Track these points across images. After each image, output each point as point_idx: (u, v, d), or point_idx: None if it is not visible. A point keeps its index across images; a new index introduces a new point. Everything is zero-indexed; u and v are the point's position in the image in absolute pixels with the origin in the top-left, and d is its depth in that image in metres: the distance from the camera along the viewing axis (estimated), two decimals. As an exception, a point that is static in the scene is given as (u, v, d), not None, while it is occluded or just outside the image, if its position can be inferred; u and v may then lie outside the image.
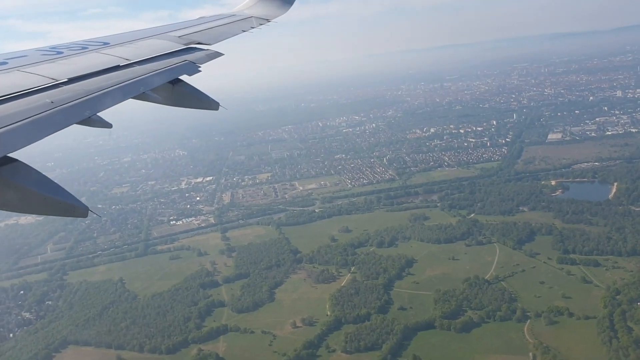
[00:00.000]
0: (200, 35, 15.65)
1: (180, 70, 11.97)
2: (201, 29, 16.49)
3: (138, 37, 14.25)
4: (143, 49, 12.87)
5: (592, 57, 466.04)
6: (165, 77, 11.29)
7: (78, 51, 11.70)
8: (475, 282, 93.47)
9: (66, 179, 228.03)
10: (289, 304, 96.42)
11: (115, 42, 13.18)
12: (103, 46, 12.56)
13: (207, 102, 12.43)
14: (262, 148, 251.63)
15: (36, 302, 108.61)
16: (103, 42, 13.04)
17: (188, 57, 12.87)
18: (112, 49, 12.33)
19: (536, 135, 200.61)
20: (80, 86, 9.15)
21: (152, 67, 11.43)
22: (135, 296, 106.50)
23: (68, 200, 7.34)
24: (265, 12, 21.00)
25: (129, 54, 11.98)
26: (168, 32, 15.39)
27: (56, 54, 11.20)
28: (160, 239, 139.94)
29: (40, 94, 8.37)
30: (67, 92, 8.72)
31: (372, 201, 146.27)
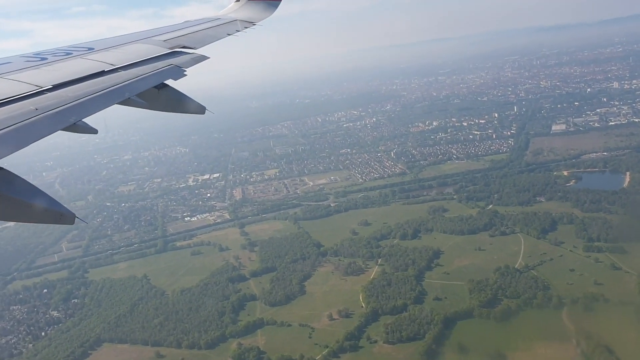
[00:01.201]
0: (186, 39, 15.75)
1: (165, 74, 12.01)
2: (186, 33, 16.63)
3: (123, 42, 14.34)
4: (128, 53, 12.91)
5: (582, 49, 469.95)
6: (150, 81, 11.29)
7: (62, 57, 11.68)
8: (506, 271, 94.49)
9: (68, 177, 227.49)
10: (320, 297, 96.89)
11: (100, 48, 13.20)
12: (88, 52, 12.57)
13: (193, 107, 12.43)
14: (264, 144, 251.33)
15: (62, 301, 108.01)
16: (88, 47, 13.06)
17: (173, 61, 12.92)
18: (96, 55, 12.36)
19: (540, 127, 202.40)
20: (65, 92, 9.11)
21: (138, 71, 11.44)
22: (163, 292, 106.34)
23: (54, 207, 7.29)
24: (250, 15, 21.19)
25: (113, 59, 11.98)
26: (153, 37, 15.47)
27: (40, 60, 11.17)
28: (177, 235, 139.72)
29: (24, 101, 8.31)
30: (52, 99, 8.68)
31: (387, 195, 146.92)
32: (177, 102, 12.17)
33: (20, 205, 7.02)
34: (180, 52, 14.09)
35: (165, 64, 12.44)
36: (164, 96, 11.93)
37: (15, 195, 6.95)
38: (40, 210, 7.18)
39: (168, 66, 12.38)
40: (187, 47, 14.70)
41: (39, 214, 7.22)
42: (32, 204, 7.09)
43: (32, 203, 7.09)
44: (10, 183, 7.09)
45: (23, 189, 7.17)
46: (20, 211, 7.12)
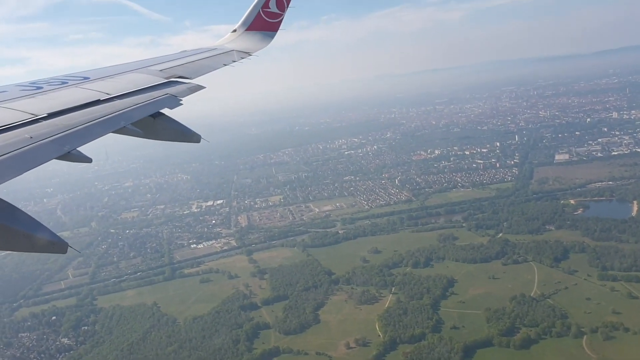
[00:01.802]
0: (182, 68, 15.79)
1: (161, 103, 11.95)
2: (182, 63, 16.66)
3: (119, 72, 14.35)
4: (124, 83, 12.93)
5: (578, 80, 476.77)
6: (146, 110, 11.22)
7: (58, 86, 11.69)
8: (523, 300, 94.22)
9: (70, 204, 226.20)
10: (335, 325, 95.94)
11: (95, 77, 13.20)
12: (83, 81, 12.56)
13: (189, 135, 12.31)
14: (266, 171, 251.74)
15: (72, 328, 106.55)
16: (83, 76, 13.05)
17: (169, 91, 12.90)
18: (92, 84, 12.35)
19: (543, 156, 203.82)
20: (59, 121, 9.08)
21: (133, 100, 11.41)
22: (175, 320, 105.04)
23: (47, 236, 7.09)
24: (246, 46, 21.27)
25: (109, 88, 12.00)
26: (149, 66, 15.51)
27: (36, 89, 11.15)
28: (184, 262, 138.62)
29: (19, 130, 8.25)
30: (47, 127, 8.63)
31: (395, 222, 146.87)
32: (172, 130, 12.07)
33: (13, 234, 6.81)
34: (177, 82, 14.12)
35: (161, 94, 12.48)
36: (159, 125, 11.86)
37: (8, 224, 6.77)
38: (34, 239, 6.97)
39: (164, 95, 12.41)
40: (183, 77, 14.77)
41: (32, 243, 6.99)
42: (25, 232, 6.89)
43: (25, 232, 6.89)
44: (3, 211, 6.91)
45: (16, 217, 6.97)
46: (13, 240, 6.86)
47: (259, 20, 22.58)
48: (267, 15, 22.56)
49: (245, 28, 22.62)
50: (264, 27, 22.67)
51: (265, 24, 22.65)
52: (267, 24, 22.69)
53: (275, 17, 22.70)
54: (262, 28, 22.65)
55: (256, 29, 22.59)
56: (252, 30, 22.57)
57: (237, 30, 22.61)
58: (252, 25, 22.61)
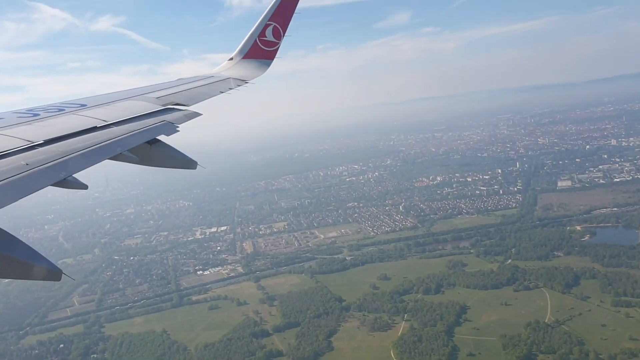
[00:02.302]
0: (179, 96, 15.79)
1: (157, 130, 11.95)
2: (179, 90, 16.72)
3: (115, 99, 14.37)
4: (121, 110, 12.94)
5: (574, 108, 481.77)
6: (142, 137, 11.22)
7: (55, 113, 11.71)
8: (537, 326, 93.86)
9: (72, 230, 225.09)
10: (350, 353, 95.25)
11: (92, 104, 13.21)
12: (80, 108, 12.60)
13: (185, 162, 12.35)
14: (268, 197, 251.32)
15: (81, 356, 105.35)
16: (80, 104, 13.10)
17: (166, 118, 12.90)
18: (89, 111, 12.37)
19: (545, 183, 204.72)
20: (56, 148, 9.06)
21: (130, 127, 11.41)
22: (185, 347, 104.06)
23: (42, 264, 7.09)
24: (243, 73, 21.52)
25: (106, 115, 12.00)
26: (146, 94, 15.54)
27: (32, 116, 11.17)
28: (191, 289, 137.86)
29: (15, 156, 8.25)
30: (43, 154, 8.63)
31: (402, 248, 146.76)
32: (169, 157, 12.10)
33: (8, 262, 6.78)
34: (173, 109, 14.14)
35: (157, 120, 12.48)
36: (155, 151, 11.88)
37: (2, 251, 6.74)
38: (28, 267, 6.94)
39: (160, 122, 12.41)
40: (180, 104, 14.77)
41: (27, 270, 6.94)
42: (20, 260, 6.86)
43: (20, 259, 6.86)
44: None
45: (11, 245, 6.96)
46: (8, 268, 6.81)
47: (255, 49, 22.85)
48: (264, 44, 22.83)
49: (242, 56, 22.86)
50: (260, 55, 22.94)
51: (261, 52, 22.92)
52: (264, 52, 22.95)
53: (271, 46, 22.95)
54: (258, 56, 22.93)
55: (253, 57, 22.88)
56: (249, 58, 22.85)
57: (234, 58, 22.88)
58: (249, 54, 22.88)
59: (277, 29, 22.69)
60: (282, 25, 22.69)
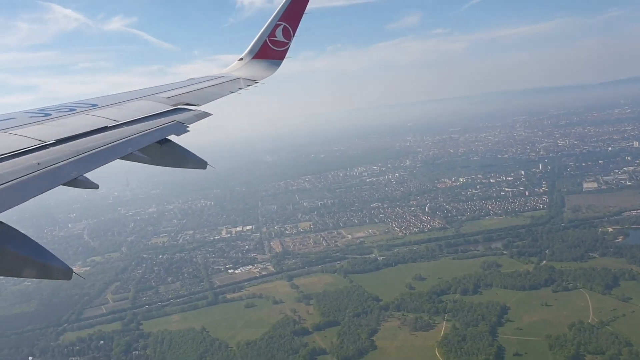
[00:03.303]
0: (189, 96, 15.86)
1: (168, 130, 12.00)
2: (190, 90, 16.79)
3: (126, 99, 14.41)
4: (131, 110, 12.99)
5: (590, 110, 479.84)
6: (153, 137, 11.26)
7: (66, 113, 11.73)
8: (581, 327, 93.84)
9: (97, 229, 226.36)
10: (394, 352, 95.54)
11: (103, 104, 13.27)
12: (91, 108, 12.63)
13: (195, 162, 12.44)
14: (289, 197, 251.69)
15: (123, 352, 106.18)
16: (91, 103, 13.15)
17: (176, 118, 12.96)
18: (100, 111, 12.41)
19: (571, 185, 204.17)
20: (67, 147, 9.12)
21: (140, 127, 11.45)
22: (227, 345, 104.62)
23: (52, 263, 7.15)
24: (253, 74, 21.67)
25: (117, 115, 12.06)
26: (156, 94, 15.59)
27: (44, 116, 11.20)
28: (225, 287, 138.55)
29: (26, 156, 8.30)
30: (54, 154, 8.68)
31: (434, 249, 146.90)
32: (179, 157, 12.22)
33: (20, 261, 6.89)
34: (183, 109, 14.22)
35: (168, 120, 12.55)
36: (166, 151, 11.98)
37: (15, 250, 6.86)
38: (40, 265, 7.04)
39: (171, 122, 12.48)
40: (190, 104, 14.84)
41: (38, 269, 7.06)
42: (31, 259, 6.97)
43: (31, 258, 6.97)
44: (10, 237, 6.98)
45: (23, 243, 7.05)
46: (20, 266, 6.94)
47: (265, 49, 22.99)
48: (274, 44, 22.95)
49: (252, 56, 23.03)
50: (270, 55, 23.07)
51: (271, 53, 23.05)
52: (274, 52, 23.07)
53: (281, 46, 23.08)
54: (268, 56, 23.06)
55: (262, 57, 23.01)
56: (259, 59, 23.00)
57: (244, 58, 23.05)
58: (259, 54, 23.03)
59: (287, 29, 22.82)
60: (292, 25, 22.82)
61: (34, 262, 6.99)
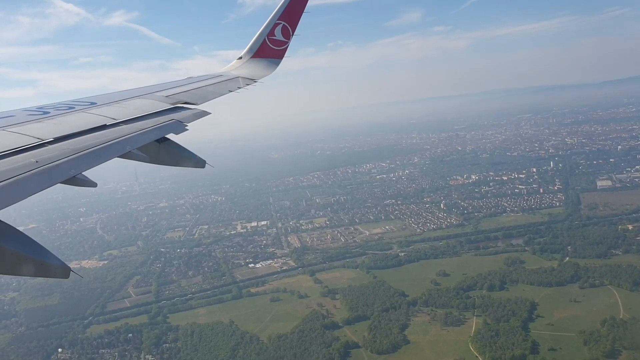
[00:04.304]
0: (188, 95, 15.98)
1: (167, 129, 12.06)
2: (188, 89, 16.91)
3: (125, 97, 14.52)
4: (130, 108, 13.07)
5: (594, 109, 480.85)
6: (151, 135, 11.35)
7: (65, 111, 11.81)
8: (614, 322, 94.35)
9: (109, 223, 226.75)
10: (427, 346, 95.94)
11: (102, 102, 13.37)
12: (90, 106, 12.69)
13: (194, 160, 12.53)
14: (300, 193, 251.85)
15: (154, 345, 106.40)
16: (90, 102, 13.24)
17: (175, 116, 13.02)
18: (99, 109, 12.48)
19: (584, 183, 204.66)
20: (65, 145, 9.14)
21: (139, 126, 11.53)
22: (258, 338, 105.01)
23: (51, 261, 7.21)
24: (251, 73, 21.78)
25: (115, 113, 12.14)
26: (155, 92, 15.73)
27: (43, 114, 11.25)
28: (247, 281, 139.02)
29: (25, 154, 8.34)
30: (52, 152, 8.70)
31: (454, 245, 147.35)
32: (178, 155, 12.29)
33: (19, 259, 6.96)
34: (182, 108, 14.30)
35: (166, 119, 12.62)
36: (165, 150, 12.04)
37: (13, 249, 6.91)
38: (38, 263, 7.10)
39: (170, 121, 12.54)
40: (189, 103, 14.91)
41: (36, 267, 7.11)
42: (29, 257, 7.04)
43: (29, 256, 7.05)
44: (8, 235, 7.05)
45: (21, 242, 7.13)
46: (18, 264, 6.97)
47: (264, 48, 23.14)
48: (273, 43, 23.11)
49: (250, 55, 23.16)
50: (269, 54, 23.22)
51: (270, 52, 23.20)
52: (273, 51, 23.23)
53: (280, 45, 23.25)
54: (267, 55, 23.20)
55: (261, 56, 23.15)
56: (258, 58, 23.14)
57: (243, 57, 23.18)
58: (258, 53, 23.18)
59: (287, 28, 23.00)
60: (291, 24, 22.98)
61: (32, 259, 7.05)
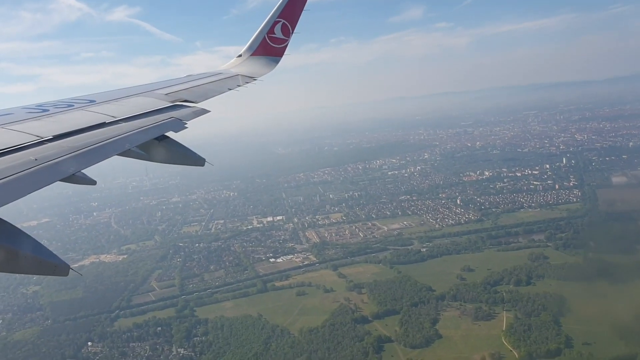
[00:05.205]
0: (187, 92, 16.02)
1: (166, 127, 12.09)
2: (188, 87, 16.92)
3: (124, 95, 14.54)
4: (129, 106, 13.07)
5: (600, 106, 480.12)
6: (151, 133, 11.35)
7: (64, 109, 11.79)
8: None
9: (124, 218, 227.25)
10: (460, 340, 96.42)
11: (101, 100, 13.39)
12: (89, 104, 12.71)
13: (193, 158, 12.49)
14: (312, 189, 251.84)
15: (184, 339, 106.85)
16: (89, 100, 13.26)
17: (174, 114, 13.03)
18: (98, 107, 12.53)
19: (599, 179, 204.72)
20: (65, 143, 9.15)
21: (138, 124, 11.53)
22: (288, 332, 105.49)
23: (50, 259, 7.27)
24: (251, 70, 21.82)
25: (115, 111, 12.17)
26: (155, 90, 15.73)
27: (42, 111, 11.24)
28: (270, 275, 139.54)
29: (24, 151, 8.36)
30: (52, 149, 8.71)
31: (476, 241, 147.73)
32: (177, 153, 12.21)
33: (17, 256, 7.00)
34: (182, 106, 14.34)
35: (166, 117, 12.65)
36: (164, 148, 11.99)
37: (12, 246, 6.96)
38: (37, 261, 7.17)
39: (169, 119, 12.57)
40: (189, 101, 14.96)
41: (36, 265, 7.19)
42: (28, 254, 7.10)
43: (28, 254, 7.10)
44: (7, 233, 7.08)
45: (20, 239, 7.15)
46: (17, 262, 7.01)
47: (264, 46, 23.21)
48: (272, 41, 23.18)
49: (250, 53, 23.22)
50: (269, 52, 23.28)
51: (270, 49, 23.26)
52: (272, 49, 23.29)
53: (280, 43, 23.32)
54: (267, 53, 23.26)
55: (261, 54, 23.21)
56: (257, 55, 23.19)
57: (243, 55, 23.25)
58: (258, 50, 23.23)
59: (286, 26, 23.07)
60: (291, 22, 23.05)
61: (31, 257, 7.12)
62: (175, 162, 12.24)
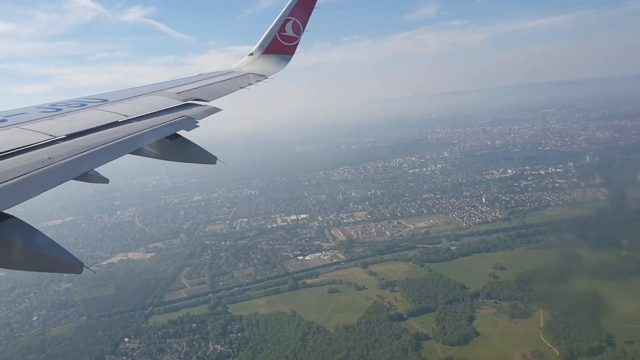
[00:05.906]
0: (199, 91, 16.07)
1: (178, 125, 12.17)
2: (199, 86, 17.01)
3: (136, 94, 14.61)
4: (141, 105, 13.14)
5: (620, 103, 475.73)
6: (163, 132, 11.43)
7: (77, 108, 11.90)
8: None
9: (147, 216, 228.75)
10: (498, 338, 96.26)
11: (113, 99, 13.49)
12: (102, 103, 12.82)
13: (205, 157, 12.48)
14: (334, 187, 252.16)
15: (220, 335, 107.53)
16: (102, 99, 13.34)
17: (186, 113, 13.12)
18: (110, 106, 12.59)
19: (625, 177, 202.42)
20: (77, 142, 9.23)
21: (150, 122, 11.61)
22: (324, 329, 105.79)
23: (63, 257, 7.34)
24: (262, 69, 21.86)
25: (127, 110, 12.25)
26: (166, 89, 15.82)
27: (55, 111, 11.35)
28: (300, 273, 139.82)
29: (37, 150, 8.45)
30: (65, 148, 8.79)
31: (505, 239, 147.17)
32: (189, 152, 12.28)
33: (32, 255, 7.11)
34: (193, 104, 14.39)
35: (178, 116, 12.73)
36: (176, 146, 12.06)
37: (27, 244, 7.09)
38: (51, 259, 7.27)
39: (181, 117, 12.65)
40: (200, 100, 15.00)
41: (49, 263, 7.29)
42: (42, 253, 7.20)
43: (42, 252, 7.21)
44: (22, 232, 7.21)
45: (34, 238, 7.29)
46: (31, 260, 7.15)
47: (275, 44, 23.20)
48: (283, 39, 23.17)
49: (261, 51, 23.25)
50: (280, 50, 23.27)
51: (281, 48, 23.25)
52: (283, 47, 23.28)
53: (291, 41, 23.31)
54: (278, 51, 23.26)
55: (272, 52, 23.22)
56: (269, 54, 23.23)
57: (254, 53, 23.31)
58: (269, 49, 23.23)
59: (297, 24, 23.07)
60: (302, 20, 23.06)
61: (45, 255, 7.23)
62: (186, 161, 12.37)
